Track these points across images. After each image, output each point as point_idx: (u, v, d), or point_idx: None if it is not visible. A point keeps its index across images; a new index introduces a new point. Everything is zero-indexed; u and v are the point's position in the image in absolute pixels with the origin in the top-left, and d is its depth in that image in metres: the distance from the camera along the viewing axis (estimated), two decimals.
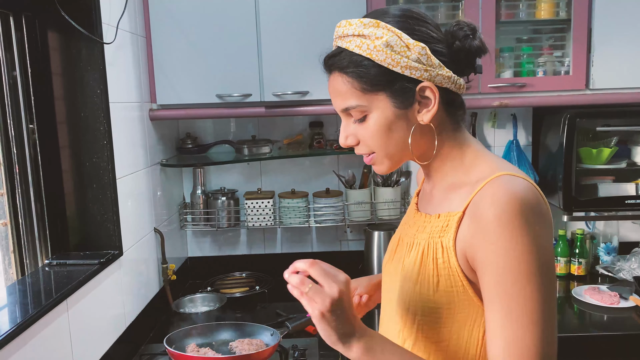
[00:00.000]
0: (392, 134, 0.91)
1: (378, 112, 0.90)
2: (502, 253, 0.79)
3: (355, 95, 0.90)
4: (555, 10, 2.13)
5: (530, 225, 0.79)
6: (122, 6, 1.81)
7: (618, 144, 2.18)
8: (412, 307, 0.92)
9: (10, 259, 1.55)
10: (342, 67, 0.90)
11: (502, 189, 0.82)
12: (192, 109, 2.12)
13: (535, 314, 0.78)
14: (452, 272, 0.87)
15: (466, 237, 0.85)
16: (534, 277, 0.78)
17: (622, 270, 2.31)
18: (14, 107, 1.54)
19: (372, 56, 0.87)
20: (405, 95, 0.89)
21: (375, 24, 0.88)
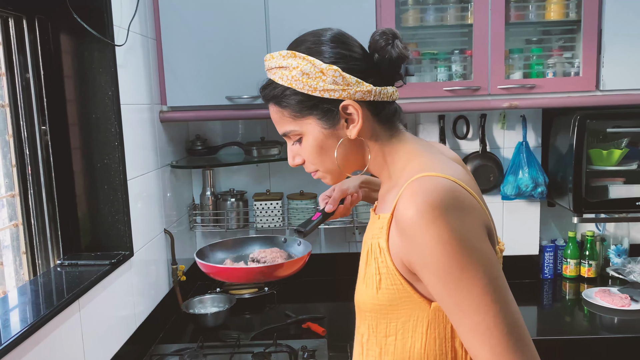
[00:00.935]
0: (325, 152, 0.99)
1: (309, 135, 0.98)
2: (429, 253, 0.82)
3: (287, 122, 0.99)
4: (565, 11, 2.12)
5: (445, 221, 0.82)
6: (133, 9, 1.82)
7: (629, 146, 2.16)
8: (362, 304, 0.98)
9: (22, 260, 1.57)
10: (272, 98, 0.99)
11: (416, 191, 0.86)
12: (201, 110, 2.14)
13: (483, 296, 0.81)
14: (390, 272, 0.92)
15: (396, 242, 0.90)
16: (465, 266, 0.81)
17: (633, 273, 2.30)
18: (26, 108, 1.56)
19: (292, 85, 0.95)
20: (329, 115, 0.96)
21: (292, 55, 0.96)
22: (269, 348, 1.82)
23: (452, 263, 0.81)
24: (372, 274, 0.94)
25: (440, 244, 0.81)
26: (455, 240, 0.82)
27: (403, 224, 0.85)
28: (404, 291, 0.91)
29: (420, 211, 0.83)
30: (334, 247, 2.57)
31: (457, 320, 0.84)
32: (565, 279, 2.43)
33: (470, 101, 2.11)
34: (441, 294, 0.85)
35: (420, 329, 0.92)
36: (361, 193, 1.34)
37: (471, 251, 0.82)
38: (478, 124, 2.41)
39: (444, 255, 0.81)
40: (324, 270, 2.51)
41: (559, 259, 2.46)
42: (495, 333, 0.81)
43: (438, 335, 0.92)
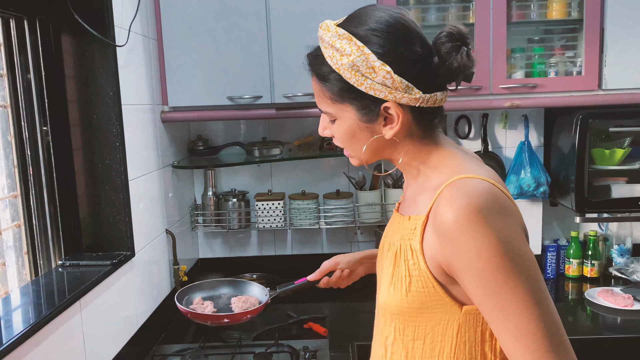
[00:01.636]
0: (356, 141, 0.96)
1: (344, 121, 0.95)
2: (473, 257, 0.81)
3: (326, 102, 0.96)
4: (567, 10, 2.11)
5: (489, 224, 0.81)
6: (134, 9, 1.82)
7: (631, 145, 2.16)
8: (389, 306, 0.95)
9: (24, 260, 1.57)
10: (317, 74, 0.95)
11: (457, 194, 0.84)
12: (203, 111, 2.14)
13: (526, 300, 0.80)
14: (422, 274, 0.90)
15: (433, 244, 0.88)
16: (510, 270, 0.81)
17: (636, 272, 2.29)
18: (28, 109, 1.56)
19: (340, 72, 0.90)
20: (369, 110, 0.92)
21: (348, 38, 0.90)
22: (271, 348, 1.82)
23: (497, 267, 0.81)
24: (402, 276, 0.92)
25: (485, 248, 0.81)
26: (499, 244, 0.81)
27: (444, 226, 0.84)
28: (435, 294, 0.89)
29: (462, 214, 0.82)
30: (335, 247, 2.56)
31: (499, 324, 0.83)
32: (568, 279, 2.42)
33: (472, 101, 2.11)
34: (483, 298, 0.83)
35: (451, 332, 0.90)
36: (362, 269, 1.32)
37: (515, 255, 0.82)
38: (480, 123, 2.40)
39: (489, 260, 0.81)
40: None
41: (562, 259, 2.45)
42: (537, 336, 0.80)
43: (468, 339, 0.90)
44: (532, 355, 0.80)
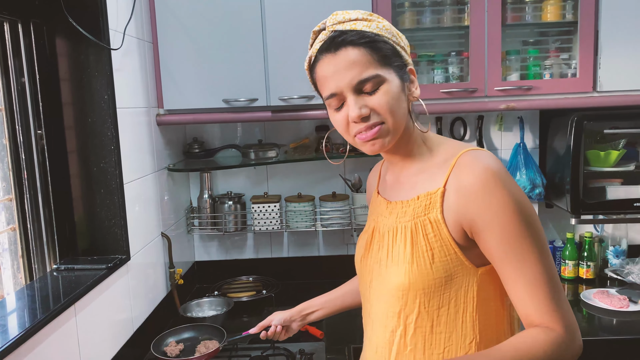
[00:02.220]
0: (399, 104, 1.01)
1: (392, 83, 1.00)
2: (501, 210, 0.94)
3: (374, 65, 0.98)
4: (561, 12, 2.12)
5: (508, 185, 0.95)
6: (129, 12, 1.82)
7: (626, 147, 2.16)
8: (413, 285, 1.01)
9: (19, 264, 1.56)
10: (356, 42, 0.98)
11: (476, 161, 0.97)
12: (198, 113, 2.13)
13: (541, 251, 0.95)
14: (444, 243, 0.99)
15: (456, 208, 0.98)
16: (528, 224, 0.94)
17: (631, 274, 2.29)
18: (22, 112, 1.56)
19: (381, 33, 1.00)
20: (402, 71, 1.02)
21: (370, 14, 1.02)
22: (267, 351, 1.82)
23: (519, 221, 0.93)
24: (423, 252, 1.00)
25: (508, 204, 0.93)
26: (517, 201, 0.94)
27: (468, 188, 0.96)
28: (456, 260, 0.99)
29: (485, 177, 0.94)
30: (331, 249, 2.56)
31: (516, 272, 0.94)
32: (563, 280, 2.42)
33: (468, 103, 2.11)
34: (505, 250, 0.94)
35: (472, 293, 1.00)
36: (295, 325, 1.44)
37: (529, 211, 0.95)
38: (475, 125, 2.41)
39: (513, 214, 0.93)
40: (322, 273, 2.50)
41: (558, 261, 2.46)
42: (547, 282, 0.94)
43: (486, 297, 1.01)
44: (546, 298, 0.93)
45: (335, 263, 2.52)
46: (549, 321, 0.94)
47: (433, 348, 1.03)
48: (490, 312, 1.02)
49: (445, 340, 1.02)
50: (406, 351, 1.05)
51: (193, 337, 1.89)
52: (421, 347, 1.04)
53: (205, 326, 1.94)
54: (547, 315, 0.94)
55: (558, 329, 0.94)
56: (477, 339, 1.02)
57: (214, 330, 1.89)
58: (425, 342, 1.03)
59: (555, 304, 0.94)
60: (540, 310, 0.94)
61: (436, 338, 1.03)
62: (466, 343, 1.02)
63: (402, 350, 1.06)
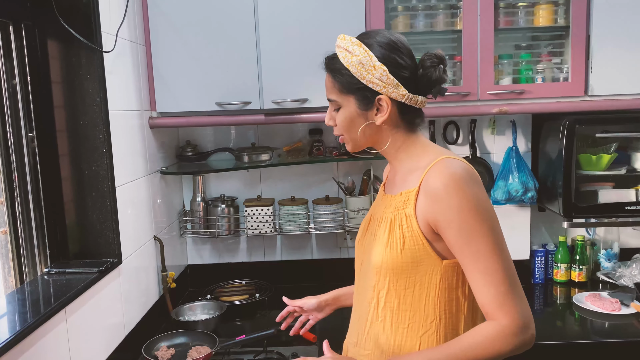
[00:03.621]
0: (353, 125, 1.23)
1: (346, 109, 1.22)
2: (457, 211, 1.09)
3: (334, 92, 1.23)
4: (553, 17, 2.13)
5: (468, 188, 1.10)
6: (122, 15, 1.81)
7: (617, 150, 2.18)
8: (384, 264, 1.18)
9: (10, 267, 1.55)
10: (331, 70, 1.22)
11: (443, 167, 1.13)
12: (191, 116, 2.13)
13: (494, 246, 1.09)
14: (414, 234, 1.15)
15: (424, 207, 1.14)
16: (483, 222, 1.09)
17: (623, 277, 2.30)
18: (13, 115, 1.55)
19: (349, 68, 1.18)
20: (366, 100, 1.19)
21: (358, 44, 1.18)
22: (259, 355, 1.82)
23: (474, 218, 1.08)
24: (397, 239, 1.17)
25: (465, 205, 1.08)
26: (475, 201, 1.09)
27: (434, 191, 1.11)
28: (423, 250, 1.15)
29: (448, 181, 1.10)
30: (325, 252, 2.56)
31: (472, 265, 1.09)
32: (556, 284, 2.43)
33: (460, 107, 2.12)
34: (461, 245, 1.09)
35: (435, 280, 1.16)
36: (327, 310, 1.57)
37: (485, 210, 1.10)
38: (468, 129, 2.41)
39: (469, 212, 1.08)
40: (315, 276, 2.50)
41: (550, 264, 2.46)
42: (500, 275, 1.08)
43: (448, 286, 1.16)
44: (497, 291, 1.07)
45: (328, 266, 2.52)
46: (498, 312, 1.07)
47: (399, 322, 1.19)
48: (452, 299, 1.17)
49: (409, 317, 1.18)
50: (378, 321, 1.22)
51: (185, 342, 1.89)
52: (389, 320, 1.20)
53: (197, 332, 1.93)
54: (496, 306, 1.07)
55: (504, 321, 1.07)
56: (437, 320, 1.17)
57: (206, 335, 1.89)
58: (393, 316, 1.20)
59: (505, 297, 1.07)
60: (491, 302, 1.08)
61: (402, 314, 1.19)
62: (427, 322, 1.17)
63: (374, 320, 1.22)
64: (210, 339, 1.86)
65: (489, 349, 1.07)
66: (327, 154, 2.39)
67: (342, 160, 2.35)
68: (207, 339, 1.87)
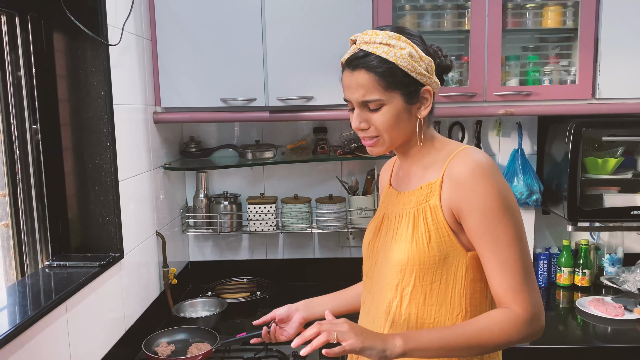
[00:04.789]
0: (399, 123, 1.16)
1: (392, 106, 1.15)
2: (482, 197, 1.09)
3: (378, 90, 1.14)
4: (562, 19, 2.12)
5: (493, 175, 1.10)
6: (128, 8, 1.81)
7: (624, 155, 2.16)
8: (411, 260, 1.16)
9: (11, 260, 1.55)
10: (370, 67, 1.13)
11: (468, 155, 1.14)
12: (196, 112, 2.12)
13: (514, 236, 1.09)
14: (439, 226, 1.14)
15: (449, 195, 1.13)
16: (505, 211, 1.09)
17: (627, 282, 2.29)
18: (17, 107, 1.54)
19: (397, 62, 1.12)
20: (413, 94, 1.16)
21: (397, 37, 1.13)
22: (260, 353, 1.81)
23: (498, 207, 1.08)
24: (422, 233, 1.15)
25: (490, 192, 1.08)
26: (500, 189, 1.09)
27: (459, 177, 1.11)
28: (449, 242, 1.14)
29: (473, 168, 1.10)
30: (327, 252, 2.55)
31: (491, 253, 1.09)
32: (559, 288, 2.42)
33: (466, 107, 2.11)
34: (482, 231, 1.09)
35: (461, 272, 1.15)
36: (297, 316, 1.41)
37: (510, 200, 1.10)
38: (474, 130, 2.40)
39: (493, 201, 1.08)
40: (317, 275, 2.49)
41: (553, 267, 2.45)
42: (518, 264, 1.08)
43: (473, 278, 1.16)
44: (513, 280, 1.08)
45: (330, 265, 2.51)
46: (512, 302, 1.08)
47: (424, 318, 1.17)
48: (476, 291, 1.17)
49: (435, 312, 1.17)
50: (400, 320, 1.19)
51: (185, 339, 1.88)
52: (414, 318, 1.18)
53: (198, 328, 1.93)
54: (512, 296, 1.08)
55: (518, 310, 1.07)
56: (462, 312, 1.16)
57: (206, 332, 1.88)
58: (418, 313, 1.17)
59: (520, 287, 1.08)
60: (507, 291, 1.08)
61: (427, 310, 1.17)
62: (454, 315, 1.16)
63: (397, 319, 1.19)
64: (211, 335, 1.86)
65: (501, 336, 1.08)
66: (331, 152, 2.38)
67: (346, 159, 2.34)
68: (208, 335, 1.87)
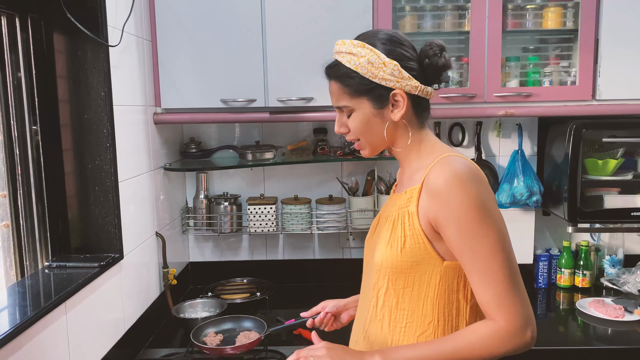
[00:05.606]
0: (370, 127, 1.20)
1: (360, 111, 1.19)
2: (456, 208, 1.07)
3: (345, 98, 1.20)
4: (562, 20, 2.12)
5: (470, 185, 1.07)
6: (128, 9, 1.81)
7: (624, 156, 2.16)
8: (384, 263, 1.17)
9: (11, 261, 1.55)
10: (336, 76, 1.19)
11: (445, 164, 1.12)
12: (196, 113, 2.12)
13: (493, 246, 1.06)
14: (415, 232, 1.14)
15: (426, 205, 1.12)
16: (483, 220, 1.06)
17: (627, 283, 2.29)
18: (17, 108, 1.54)
19: (358, 70, 1.15)
20: (381, 99, 1.18)
21: (361, 45, 1.16)
22: (259, 354, 1.81)
23: (473, 216, 1.06)
24: (398, 237, 1.15)
25: (464, 202, 1.06)
26: (476, 199, 1.06)
27: (435, 187, 1.09)
28: (424, 249, 1.13)
29: (448, 177, 1.08)
30: (327, 252, 2.55)
31: (470, 265, 1.07)
32: (559, 289, 2.42)
33: (466, 108, 2.10)
34: (459, 243, 1.07)
35: (434, 280, 1.14)
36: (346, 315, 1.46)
37: (487, 210, 1.07)
38: (474, 131, 2.40)
39: (468, 210, 1.06)
40: (317, 276, 2.49)
41: (553, 269, 2.45)
42: (500, 276, 1.06)
43: (447, 288, 1.14)
44: (495, 291, 1.06)
45: (330, 266, 2.51)
46: (494, 313, 1.06)
47: (397, 322, 1.18)
48: (452, 302, 1.15)
49: (407, 317, 1.17)
50: (376, 320, 1.21)
51: (232, 328, 1.93)
52: (387, 319, 1.19)
53: (244, 317, 1.96)
54: (494, 307, 1.06)
55: (501, 323, 1.06)
56: (435, 321, 1.15)
57: (254, 321, 1.93)
58: (391, 315, 1.19)
59: (502, 298, 1.06)
60: (489, 302, 1.07)
61: (400, 313, 1.18)
62: (425, 323, 1.16)
63: (374, 318, 1.22)
64: (259, 323, 1.89)
65: (483, 349, 1.07)
66: (331, 153, 2.38)
67: (347, 160, 2.34)
68: (255, 323, 1.91)
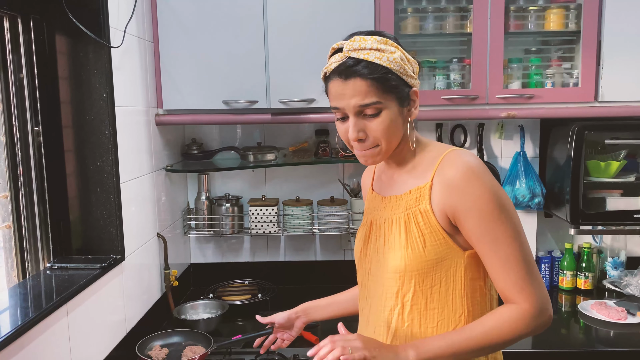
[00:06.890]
0: (396, 128, 1.15)
1: (389, 109, 1.13)
2: (477, 198, 1.08)
3: (377, 94, 1.11)
4: (564, 21, 2.11)
5: (485, 176, 1.10)
6: (130, 11, 1.81)
7: (627, 158, 2.15)
8: (408, 266, 1.15)
9: (13, 262, 1.55)
10: (364, 74, 1.10)
11: (458, 157, 1.13)
12: (198, 114, 2.12)
13: (512, 234, 1.09)
14: (433, 229, 1.13)
15: (441, 200, 1.12)
16: (501, 210, 1.09)
17: (630, 286, 2.28)
18: (19, 109, 1.54)
19: (390, 66, 1.10)
20: (405, 96, 1.15)
21: (385, 42, 1.12)
22: (260, 356, 1.80)
23: (494, 207, 1.08)
24: (416, 238, 1.14)
25: (484, 193, 1.08)
26: (492, 189, 1.09)
27: (450, 180, 1.10)
28: (445, 243, 1.13)
29: (464, 170, 1.10)
30: (329, 254, 2.55)
31: (492, 253, 1.09)
32: (561, 291, 2.41)
33: (468, 110, 2.10)
34: (481, 232, 1.09)
35: (460, 272, 1.15)
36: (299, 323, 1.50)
37: (504, 198, 1.10)
38: (476, 133, 2.40)
39: (488, 200, 1.08)
40: (318, 278, 2.49)
41: (556, 271, 2.44)
42: (519, 261, 1.09)
43: (472, 277, 1.16)
44: (516, 276, 1.09)
45: (332, 268, 2.50)
46: (517, 297, 1.09)
47: (428, 322, 1.17)
48: (476, 289, 1.17)
49: (438, 315, 1.17)
50: (404, 327, 1.18)
51: (178, 342, 1.88)
52: (417, 322, 1.17)
53: (192, 332, 1.92)
54: (517, 292, 1.09)
55: (525, 305, 1.09)
56: (465, 312, 1.16)
57: (201, 335, 1.88)
58: (421, 318, 1.17)
59: (524, 282, 1.09)
60: (510, 287, 1.09)
61: (430, 313, 1.17)
62: (456, 316, 1.16)
63: (400, 326, 1.18)
64: (205, 338, 1.85)
65: (511, 332, 1.09)
66: (333, 155, 2.37)
67: (348, 161, 2.34)
68: (202, 338, 1.86)
